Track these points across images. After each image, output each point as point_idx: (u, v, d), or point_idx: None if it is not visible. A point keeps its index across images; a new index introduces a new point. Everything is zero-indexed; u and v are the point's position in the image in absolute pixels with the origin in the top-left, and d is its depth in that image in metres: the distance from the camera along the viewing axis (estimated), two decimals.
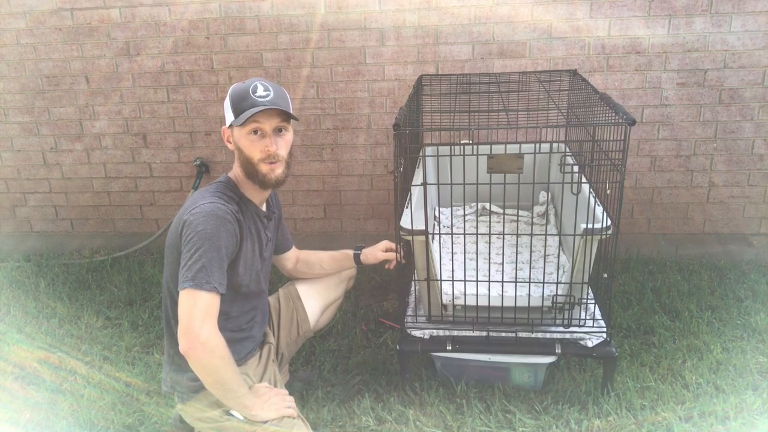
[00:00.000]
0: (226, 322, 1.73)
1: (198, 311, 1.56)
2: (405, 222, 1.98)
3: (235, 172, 1.77)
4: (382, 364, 2.38)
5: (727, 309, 2.62)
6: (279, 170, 1.72)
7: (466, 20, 2.99)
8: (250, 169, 1.71)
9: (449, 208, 2.94)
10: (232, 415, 1.72)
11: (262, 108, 1.64)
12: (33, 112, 3.43)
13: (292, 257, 2.11)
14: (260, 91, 1.67)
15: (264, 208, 1.86)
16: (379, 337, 2.56)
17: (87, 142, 3.45)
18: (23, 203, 3.63)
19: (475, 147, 1.99)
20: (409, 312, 2.22)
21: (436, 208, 2.93)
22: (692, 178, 3.13)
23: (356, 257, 2.13)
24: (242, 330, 1.82)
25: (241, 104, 1.67)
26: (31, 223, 3.68)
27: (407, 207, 2.10)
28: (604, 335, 2.03)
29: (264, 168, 1.70)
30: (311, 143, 3.29)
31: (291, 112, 1.71)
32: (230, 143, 1.74)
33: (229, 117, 1.70)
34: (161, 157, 3.44)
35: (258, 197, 1.80)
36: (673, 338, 2.44)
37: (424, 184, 2.01)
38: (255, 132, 1.68)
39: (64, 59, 3.30)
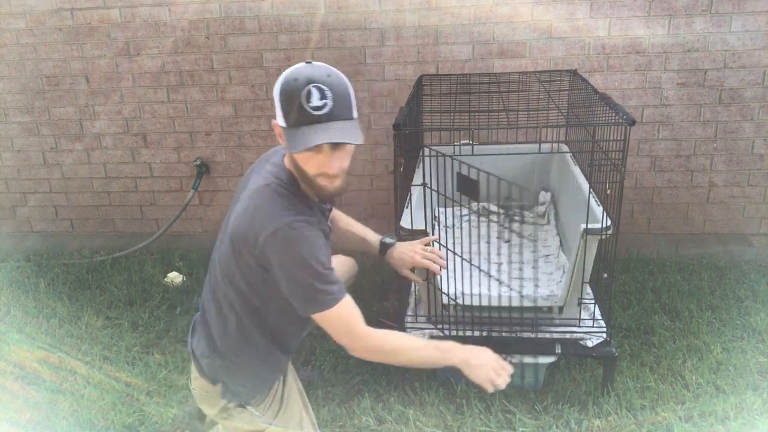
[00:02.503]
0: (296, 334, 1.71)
1: (340, 327, 1.53)
2: (405, 222, 1.98)
3: (291, 167, 1.54)
4: (382, 364, 2.37)
5: (727, 309, 2.62)
6: (338, 182, 1.50)
7: (466, 20, 2.99)
8: (305, 180, 1.50)
9: (449, 209, 2.94)
10: (245, 408, 1.69)
11: (318, 143, 1.38)
12: (33, 112, 3.43)
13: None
14: (315, 101, 1.38)
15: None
16: None
17: (87, 142, 3.45)
18: (23, 203, 3.63)
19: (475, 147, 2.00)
20: (409, 312, 2.22)
21: (436, 208, 2.93)
22: (692, 178, 3.13)
23: (383, 249, 1.89)
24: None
25: (290, 111, 1.40)
26: (31, 223, 3.68)
27: (407, 207, 2.10)
28: (604, 335, 2.03)
29: (322, 181, 1.48)
30: None
31: (352, 116, 1.44)
32: (282, 138, 1.48)
33: (279, 118, 1.45)
34: (161, 157, 3.44)
35: None
36: (673, 338, 2.44)
37: (423, 184, 2.01)
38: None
39: (64, 59, 3.30)
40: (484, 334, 2.07)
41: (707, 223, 3.19)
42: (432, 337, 2.10)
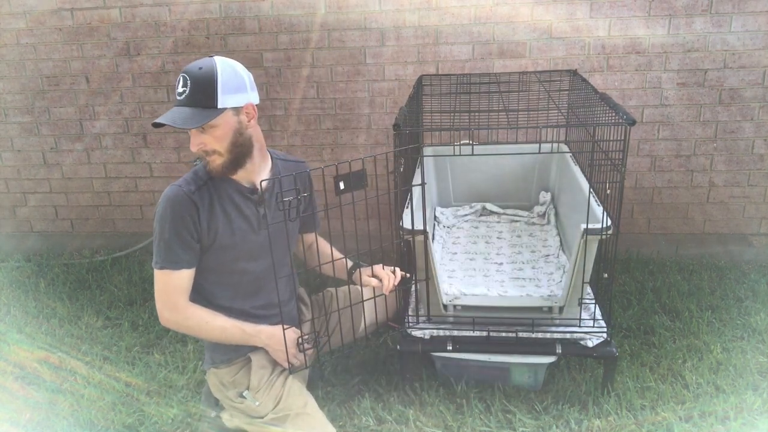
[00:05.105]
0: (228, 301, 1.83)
1: (156, 291, 1.73)
2: (405, 222, 1.98)
3: None
4: (382, 364, 2.38)
5: (727, 309, 2.62)
6: (217, 161, 1.68)
7: (466, 20, 2.99)
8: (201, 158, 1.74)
9: (450, 208, 2.94)
10: (245, 398, 1.79)
11: (161, 122, 1.60)
12: (33, 112, 3.43)
13: (308, 240, 2.12)
14: (179, 87, 1.62)
15: (262, 184, 1.79)
16: (379, 337, 2.56)
17: (87, 142, 3.45)
18: (23, 203, 3.63)
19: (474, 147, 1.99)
20: (410, 312, 2.22)
21: (436, 208, 2.93)
22: (692, 178, 3.13)
23: (354, 266, 2.03)
24: (253, 315, 1.85)
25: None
26: (31, 223, 3.68)
27: (407, 207, 2.10)
28: (605, 335, 2.03)
29: (206, 158, 1.70)
30: (311, 143, 3.29)
31: (212, 104, 1.59)
32: None
33: None
34: (161, 157, 3.44)
35: (236, 175, 1.76)
36: (673, 338, 2.44)
37: (422, 184, 2.01)
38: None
39: (64, 59, 3.30)
40: (484, 334, 2.07)
41: (707, 223, 3.20)
42: (432, 337, 2.10)
